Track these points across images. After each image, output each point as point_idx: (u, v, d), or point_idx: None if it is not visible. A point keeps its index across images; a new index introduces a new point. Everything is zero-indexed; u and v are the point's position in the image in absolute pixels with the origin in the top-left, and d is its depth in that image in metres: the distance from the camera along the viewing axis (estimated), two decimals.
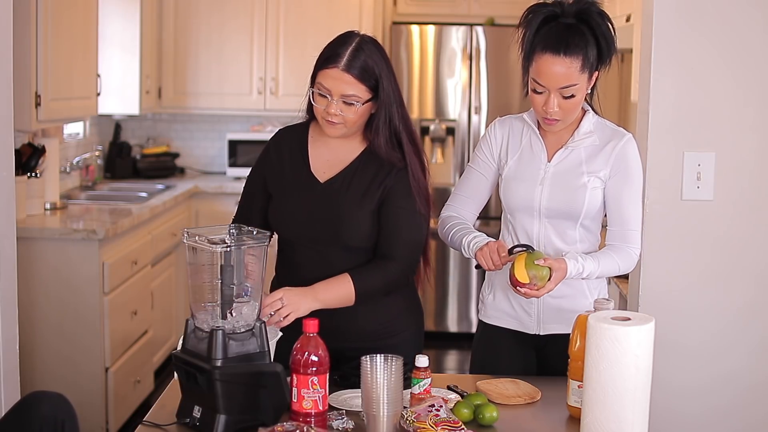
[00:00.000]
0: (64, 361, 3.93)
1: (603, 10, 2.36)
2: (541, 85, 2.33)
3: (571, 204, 2.41)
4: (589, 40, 2.32)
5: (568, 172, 2.43)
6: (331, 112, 2.30)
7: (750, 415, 2.68)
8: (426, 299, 6.04)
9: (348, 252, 2.37)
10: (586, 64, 2.32)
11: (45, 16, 3.93)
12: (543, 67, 2.31)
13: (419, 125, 5.94)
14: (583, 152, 2.43)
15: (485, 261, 2.35)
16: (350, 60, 2.28)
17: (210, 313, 2.00)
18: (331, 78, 2.29)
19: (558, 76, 2.30)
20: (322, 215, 2.37)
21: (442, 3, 6.10)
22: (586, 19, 2.33)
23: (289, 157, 2.45)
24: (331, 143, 2.42)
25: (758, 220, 2.63)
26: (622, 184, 2.41)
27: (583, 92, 2.36)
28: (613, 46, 2.35)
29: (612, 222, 2.45)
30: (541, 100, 2.35)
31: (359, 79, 2.29)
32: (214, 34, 5.79)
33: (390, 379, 1.90)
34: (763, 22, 2.58)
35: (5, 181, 2.92)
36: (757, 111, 2.61)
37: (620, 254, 2.41)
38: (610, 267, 2.40)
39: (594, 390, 1.84)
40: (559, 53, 2.29)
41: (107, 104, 5.31)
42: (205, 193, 5.57)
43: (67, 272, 3.91)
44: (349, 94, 2.29)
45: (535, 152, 2.47)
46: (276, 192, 2.44)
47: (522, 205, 2.46)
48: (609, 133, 2.45)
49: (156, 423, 2.02)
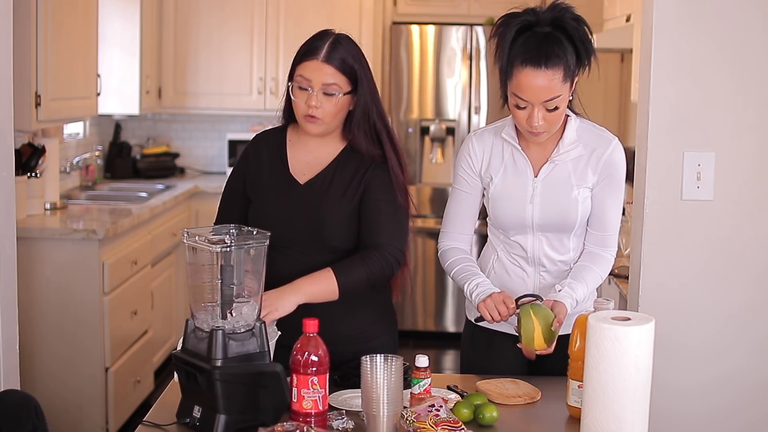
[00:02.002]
0: (64, 361, 3.93)
1: (577, 14, 2.30)
2: (524, 100, 2.27)
3: (564, 218, 2.41)
4: (568, 47, 2.26)
5: (557, 186, 2.41)
6: (312, 105, 2.31)
7: (750, 415, 2.68)
8: (425, 299, 6.05)
9: (331, 253, 2.36)
10: (568, 73, 2.26)
11: (45, 16, 3.93)
12: (524, 81, 2.25)
13: (419, 125, 5.95)
14: (570, 165, 2.41)
15: (490, 313, 2.31)
16: (329, 51, 2.31)
17: (210, 313, 2.00)
18: (311, 69, 2.31)
19: (541, 90, 2.24)
20: (303, 216, 2.37)
21: (442, 3, 6.10)
22: (561, 25, 2.27)
23: (268, 161, 2.45)
24: (310, 145, 2.43)
25: (758, 220, 2.63)
26: (607, 191, 2.42)
27: (566, 101, 2.31)
28: (591, 50, 2.30)
29: (592, 225, 2.46)
30: (525, 115, 2.30)
31: (339, 70, 2.31)
32: (214, 34, 5.80)
33: (390, 379, 1.90)
34: (763, 22, 2.58)
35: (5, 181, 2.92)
36: (757, 111, 2.61)
37: (599, 263, 2.45)
38: (595, 282, 2.45)
39: (594, 390, 1.84)
40: (540, 66, 2.23)
41: (107, 104, 5.31)
42: (205, 193, 5.57)
43: (67, 272, 3.91)
44: (329, 83, 2.30)
45: (519, 168, 2.43)
46: (256, 196, 2.44)
47: (514, 223, 2.44)
48: (594, 139, 2.42)
49: (156, 423, 2.02)
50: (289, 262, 2.36)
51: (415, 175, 5.98)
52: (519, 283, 2.48)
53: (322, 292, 2.29)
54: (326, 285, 2.29)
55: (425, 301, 6.05)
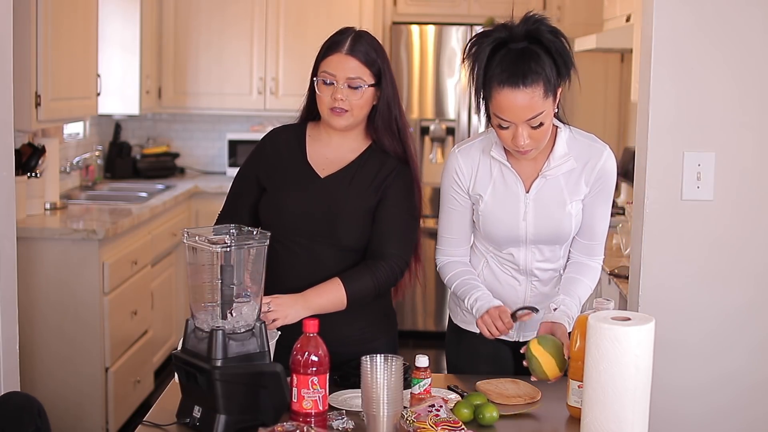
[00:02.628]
0: (64, 361, 3.93)
1: (553, 26, 2.23)
2: (507, 120, 2.20)
3: (558, 231, 2.40)
4: (546, 61, 2.17)
5: (550, 201, 2.37)
6: (338, 98, 2.31)
7: (750, 415, 2.67)
8: (425, 299, 6.05)
9: (340, 251, 2.36)
10: (549, 88, 2.17)
11: (45, 16, 3.93)
12: (504, 102, 2.17)
13: (419, 125, 5.95)
14: (563, 179, 2.36)
15: (489, 329, 2.30)
16: (352, 45, 2.32)
17: (210, 313, 2.00)
18: (336, 62, 2.32)
19: (522, 109, 2.16)
20: (318, 210, 2.35)
21: (442, 3, 6.10)
22: (537, 38, 2.19)
23: (288, 152, 2.44)
24: (332, 142, 2.42)
25: (758, 220, 2.63)
26: (598, 201, 2.41)
27: (551, 116, 2.24)
28: (571, 62, 2.22)
29: (581, 234, 2.44)
30: (510, 135, 2.22)
31: (363, 63, 2.32)
32: (214, 34, 5.80)
33: (390, 379, 1.90)
34: (763, 22, 2.58)
35: (5, 181, 2.92)
36: (757, 111, 2.60)
37: (588, 275, 2.44)
38: (586, 294, 2.44)
39: (594, 390, 1.84)
40: (518, 85, 2.14)
41: (107, 104, 5.31)
42: (205, 193, 5.57)
43: (67, 272, 3.91)
44: (354, 77, 2.31)
45: (509, 185, 2.37)
46: (272, 185, 2.42)
47: (507, 238, 2.41)
48: (586, 150, 2.37)
49: (156, 423, 2.02)
50: (296, 258, 2.36)
51: None
52: (510, 292, 2.46)
53: (331, 304, 2.30)
54: (336, 297, 2.30)
55: (425, 301, 6.05)
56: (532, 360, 2.18)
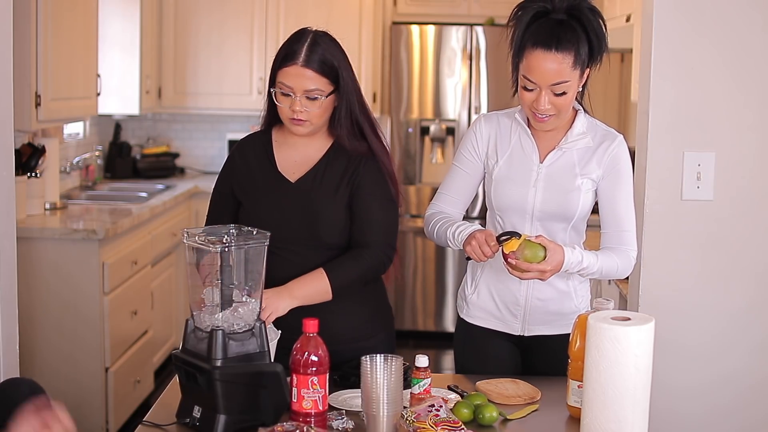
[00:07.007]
0: (64, 361, 3.93)
1: (594, 6, 2.31)
2: (532, 82, 2.29)
3: (565, 206, 2.39)
4: (581, 36, 2.27)
5: (561, 174, 2.39)
6: (297, 109, 2.31)
7: (750, 415, 2.68)
8: (425, 299, 6.05)
9: (324, 250, 2.36)
10: (578, 60, 2.27)
11: (45, 16, 3.93)
12: (534, 63, 2.27)
13: (419, 125, 5.95)
14: (576, 154, 2.40)
15: (476, 254, 2.30)
16: (308, 55, 2.30)
17: (210, 313, 2.00)
18: (292, 75, 2.31)
19: (549, 72, 2.26)
20: (296, 214, 2.36)
21: (442, 3, 6.10)
22: (577, 15, 2.28)
23: (256, 162, 2.44)
24: (298, 144, 2.42)
25: (758, 220, 2.64)
26: (615, 186, 2.39)
27: (575, 90, 2.31)
28: (605, 44, 2.30)
29: (606, 224, 2.41)
30: (532, 97, 2.31)
31: (320, 73, 2.30)
32: (214, 34, 5.80)
33: (390, 379, 1.90)
34: (763, 22, 2.58)
35: (5, 181, 2.92)
36: (757, 111, 2.61)
37: (619, 255, 2.38)
38: (610, 264, 2.36)
39: (594, 390, 1.84)
40: (550, 48, 2.25)
41: (107, 104, 5.31)
42: (205, 193, 5.53)
43: (67, 272, 3.91)
44: (311, 89, 2.30)
45: (526, 152, 2.43)
46: (246, 197, 2.43)
47: (514, 207, 2.42)
48: (601, 134, 2.42)
49: (156, 423, 2.03)
50: (285, 264, 2.35)
51: (415, 175, 5.98)
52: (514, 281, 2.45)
53: (315, 294, 2.30)
54: (319, 286, 2.30)
55: (425, 301, 6.05)
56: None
